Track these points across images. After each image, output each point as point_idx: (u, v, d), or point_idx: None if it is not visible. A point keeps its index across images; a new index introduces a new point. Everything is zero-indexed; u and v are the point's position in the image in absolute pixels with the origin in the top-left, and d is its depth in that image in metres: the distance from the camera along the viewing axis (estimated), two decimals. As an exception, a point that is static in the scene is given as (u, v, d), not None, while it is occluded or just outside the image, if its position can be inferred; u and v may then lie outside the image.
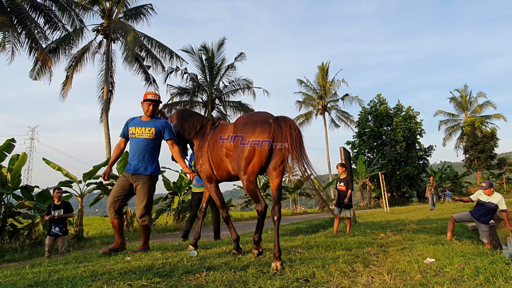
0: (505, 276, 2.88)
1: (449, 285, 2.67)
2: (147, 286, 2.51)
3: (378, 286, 2.68)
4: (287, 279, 2.84)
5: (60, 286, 2.50)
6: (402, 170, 36.02)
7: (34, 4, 17.66)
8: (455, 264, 3.42)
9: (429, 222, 10.40)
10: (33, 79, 19.96)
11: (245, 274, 2.94)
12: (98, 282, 2.55)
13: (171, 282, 2.65)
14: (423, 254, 4.14)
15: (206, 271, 2.97)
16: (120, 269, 2.97)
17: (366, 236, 6.52)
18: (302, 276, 2.94)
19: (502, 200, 7.15)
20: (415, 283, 2.75)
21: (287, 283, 2.68)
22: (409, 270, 3.22)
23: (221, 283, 2.59)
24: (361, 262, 3.61)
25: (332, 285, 2.71)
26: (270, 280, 2.75)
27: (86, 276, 2.72)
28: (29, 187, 11.51)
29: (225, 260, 3.51)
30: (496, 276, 2.87)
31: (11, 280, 2.69)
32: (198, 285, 2.56)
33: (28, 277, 2.76)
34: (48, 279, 2.68)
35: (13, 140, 11.62)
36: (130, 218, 15.97)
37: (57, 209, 7.69)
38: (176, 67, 25.01)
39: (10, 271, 3.10)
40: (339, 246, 4.71)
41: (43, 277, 2.74)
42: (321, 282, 2.80)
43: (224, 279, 2.74)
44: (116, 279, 2.65)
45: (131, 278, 2.68)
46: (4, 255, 9.61)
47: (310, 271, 3.11)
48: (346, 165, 8.69)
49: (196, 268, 3.12)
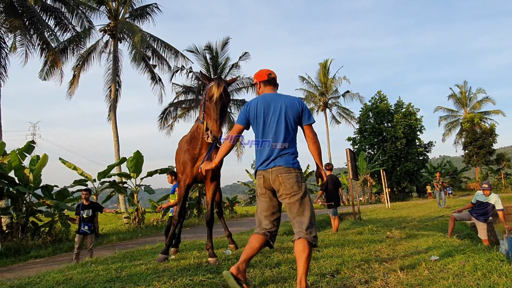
0: (499, 272, 3.43)
1: (453, 280, 3.22)
2: (205, 281, 3.06)
3: (394, 281, 3.23)
4: (317, 274, 3.39)
5: (134, 281, 3.04)
6: (402, 166, 36.64)
7: (45, 6, 18.07)
8: (457, 261, 3.98)
9: (430, 219, 10.97)
10: (42, 79, 20.48)
11: (279, 271, 3.49)
12: (164, 277, 3.11)
13: (222, 278, 3.20)
14: (427, 251, 4.70)
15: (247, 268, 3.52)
16: (175, 266, 3.52)
17: (374, 234, 7.08)
18: (328, 272, 3.49)
19: (498, 200, 7.71)
20: (424, 278, 3.30)
21: (318, 278, 3.23)
22: (417, 267, 3.78)
23: (265, 279, 3.14)
24: (375, 259, 4.17)
25: (355, 280, 3.26)
26: (312, 271, 3.30)
27: (151, 273, 3.27)
28: (49, 187, 12.05)
29: (257, 259, 4.06)
30: (491, 272, 3.42)
31: (88, 277, 3.24)
32: (248, 281, 3.10)
33: (101, 274, 3.31)
34: (120, 276, 3.23)
35: (33, 142, 12.17)
36: (141, 215, 16.58)
37: (86, 209, 8.12)
38: (182, 66, 25.45)
39: (78, 269, 3.64)
40: (352, 245, 5.27)
41: (114, 274, 3.29)
42: (345, 277, 3.35)
43: (266, 275, 3.29)
44: (177, 275, 3.20)
45: (189, 274, 3.23)
46: (29, 251, 10.18)
47: (333, 267, 3.67)
48: (331, 165, 8.79)
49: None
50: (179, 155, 4.58)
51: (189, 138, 4.40)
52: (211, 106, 3.65)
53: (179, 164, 4.53)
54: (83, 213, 8.11)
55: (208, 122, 3.65)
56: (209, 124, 3.63)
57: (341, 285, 3.06)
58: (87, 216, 8.14)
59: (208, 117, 3.66)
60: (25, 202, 11.57)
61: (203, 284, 2.97)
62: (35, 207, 11.92)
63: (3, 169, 10.95)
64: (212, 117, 3.60)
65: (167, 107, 26.48)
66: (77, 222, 8.33)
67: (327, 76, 40.40)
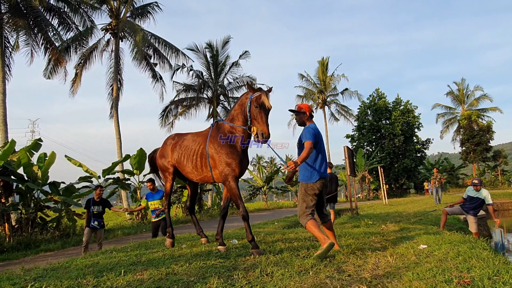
0: (478, 257, 3.83)
1: (436, 263, 3.62)
2: (216, 265, 3.46)
3: (384, 264, 3.64)
4: (315, 259, 3.79)
5: (154, 264, 3.45)
6: (400, 163, 37.10)
7: (49, 6, 18.38)
8: (443, 249, 4.39)
9: (425, 214, 11.40)
10: (46, 78, 20.80)
11: (283, 257, 3.90)
12: (181, 261, 3.51)
13: (231, 262, 3.61)
14: (418, 242, 5.11)
15: (253, 256, 3.93)
16: (189, 253, 3.93)
17: (370, 227, 7.50)
18: (326, 257, 3.89)
19: (488, 195, 8.14)
20: (411, 262, 3.71)
21: (317, 262, 3.63)
22: (406, 254, 4.18)
23: (271, 262, 3.54)
24: (369, 248, 4.58)
25: (350, 263, 3.67)
26: (304, 259, 3.71)
27: (168, 258, 3.67)
28: (56, 183, 12.45)
29: (263, 247, 4.46)
30: (471, 258, 3.83)
31: (112, 261, 3.64)
32: (254, 264, 3.51)
33: (124, 259, 3.71)
34: (141, 260, 3.63)
35: (40, 140, 12.52)
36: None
37: (96, 205, 8.43)
38: (182, 64, 25.80)
39: (101, 256, 4.04)
40: (349, 236, 5.69)
41: (135, 259, 3.69)
42: (342, 261, 3.76)
43: (271, 260, 3.70)
44: (192, 260, 3.61)
45: (202, 259, 3.63)
46: (39, 245, 10.59)
47: (331, 253, 4.07)
48: (331, 164, 9.75)
49: (244, 253, 4.08)
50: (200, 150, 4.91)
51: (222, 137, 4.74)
52: (262, 113, 4.44)
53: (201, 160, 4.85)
54: (93, 208, 8.41)
55: (259, 126, 4.40)
56: (260, 128, 4.39)
57: (337, 267, 3.46)
58: (97, 212, 8.44)
59: (258, 123, 4.41)
60: (33, 198, 11.95)
61: (215, 267, 3.36)
62: (42, 203, 12.31)
63: (12, 166, 11.33)
64: (264, 122, 4.41)
65: (168, 105, 26.85)
66: (84, 217, 8.62)
67: (325, 74, 40.77)
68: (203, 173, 4.82)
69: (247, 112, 4.55)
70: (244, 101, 4.71)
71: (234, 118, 4.76)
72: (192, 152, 4.96)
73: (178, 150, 5.15)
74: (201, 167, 4.82)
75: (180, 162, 5.08)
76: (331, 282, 2.87)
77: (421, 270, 3.21)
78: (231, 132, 4.72)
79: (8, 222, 11.26)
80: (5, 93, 16.70)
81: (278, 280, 2.91)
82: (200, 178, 4.94)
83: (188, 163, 4.95)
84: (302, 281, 2.91)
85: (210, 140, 4.78)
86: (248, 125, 4.53)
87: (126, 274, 3.11)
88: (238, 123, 4.68)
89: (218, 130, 4.86)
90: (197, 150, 4.92)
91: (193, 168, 4.91)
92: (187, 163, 4.97)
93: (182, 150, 5.10)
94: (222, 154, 4.59)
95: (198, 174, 4.89)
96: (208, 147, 4.73)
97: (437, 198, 17.71)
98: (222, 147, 4.63)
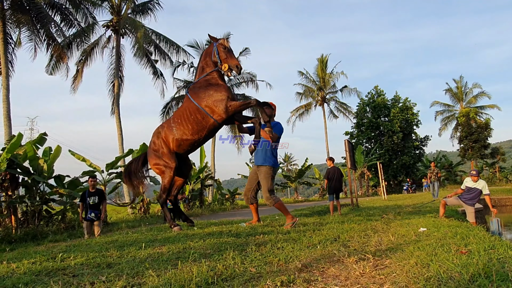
0: (476, 236, 4.06)
1: (435, 241, 3.84)
2: (229, 241, 3.67)
3: (386, 242, 3.86)
4: (322, 237, 4.02)
5: (170, 241, 3.66)
6: (398, 160, 37.40)
7: (51, 2, 18.52)
8: (441, 231, 4.61)
9: (423, 206, 11.64)
10: (49, 74, 21.00)
11: (291, 236, 4.12)
12: (195, 239, 3.72)
13: (242, 240, 3.82)
14: (417, 225, 5.33)
15: (262, 235, 4.15)
16: (201, 233, 4.14)
17: (370, 216, 7.72)
18: (331, 237, 4.11)
19: (485, 186, 8.37)
20: (412, 241, 3.93)
21: (324, 240, 3.85)
22: (407, 234, 4.40)
23: (280, 239, 3.76)
24: (371, 230, 4.80)
25: (354, 242, 3.89)
26: (311, 238, 3.93)
27: (183, 236, 3.89)
28: (61, 176, 12.64)
29: (269, 229, 4.69)
30: (468, 236, 4.05)
31: (131, 239, 3.85)
32: (265, 241, 3.72)
33: (140, 237, 3.93)
34: (157, 238, 3.85)
35: (45, 134, 12.70)
36: (146, 205, 17.23)
37: (92, 196, 8.33)
38: (183, 61, 25.99)
39: (118, 236, 4.25)
40: (351, 221, 5.91)
41: (151, 237, 3.91)
42: (345, 240, 3.98)
43: (278, 238, 3.91)
44: (205, 237, 3.82)
45: (215, 237, 3.85)
46: (47, 236, 10.78)
47: (335, 234, 4.29)
48: (333, 158, 10.21)
49: (253, 232, 4.30)
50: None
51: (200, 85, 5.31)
52: (230, 52, 5.16)
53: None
54: (89, 200, 8.27)
55: (231, 62, 5.10)
56: (233, 62, 5.09)
57: (342, 244, 3.68)
58: (93, 203, 8.30)
59: (231, 59, 5.11)
60: (39, 191, 12.15)
61: (228, 243, 3.58)
62: (48, 196, 12.50)
63: (18, 159, 11.52)
64: (234, 57, 5.19)
65: (169, 102, 27.03)
66: (80, 209, 8.45)
67: (325, 71, 40.98)
68: (208, 123, 5.08)
69: (215, 56, 5.18)
70: (209, 50, 5.36)
71: (204, 68, 5.33)
72: (186, 115, 5.19)
73: (174, 126, 5.30)
74: (202, 119, 5.09)
75: (182, 133, 5.19)
76: (338, 253, 3.08)
77: (422, 245, 3.43)
78: (207, 80, 5.21)
79: (15, 214, 11.45)
80: (8, 89, 16.89)
81: (289, 252, 3.13)
82: (207, 132, 5.18)
83: (189, 126, 5.14)
84: (311, 252, 3.13)
85: (192, 95, 5.20)
86: (218, 66, 5.18)
87: (146, 248, 3.33)
88: (209, 69, 5.28)
89: (194, 89, 5.29)
90: (189, 110, 5.18)
91: (195, 126, 5.11)
92: (187, 126, 5.15)
93: (177, 123, 5.28)
94: (211, 92, 5.06)
95: (202, 128, 5.12)
96: (195, 100, 5.11)
97: (434, 192, 17.62)
98: (206, 89, 5.10)
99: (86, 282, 2.25)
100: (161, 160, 5.27)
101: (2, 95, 16.70)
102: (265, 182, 5.11)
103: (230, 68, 5.08)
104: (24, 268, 2.65)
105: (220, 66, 5.13)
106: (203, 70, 5.33)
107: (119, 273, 2.47)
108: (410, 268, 2.45)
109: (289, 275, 2.35)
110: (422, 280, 2.15)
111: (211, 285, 2.21)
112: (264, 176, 5.15)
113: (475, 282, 2.09)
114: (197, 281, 2.21)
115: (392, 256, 3.01)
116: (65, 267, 2.67)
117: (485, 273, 2.22)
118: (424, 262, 2.56)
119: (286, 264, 2.73)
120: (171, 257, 2.99)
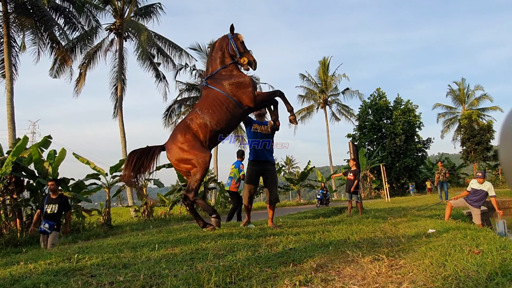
0: (485, 237, 4.07)
1: (446, 242, 3.85)
2: (241, 242, 3.69)
3: (397, 242, 3.87)
4: (332, 238, 4.03)
5: (182, 242, 3.68)
6: (401, 162, 37.33)
7: (55, 6, 18.63)
8: (450, 233, 4.62)
9: (428, 208, 11.64)
10: (53, 77, 21.06)
11: (301, 237, 4.13)
12: (207, 240, 3.74)
13: (253, 241, 3.84)
14: (425, 227, 5.34)
15: (272, 236, 4.16)
16: (213, 234, 4.16)
17: (377, 218, 7.72)
18: (341, 238, 4.12)
19: (491, 188, 8.37)
20: (422, 242, 3.94)
21: (335, 241, 3.86)
22: (416, 235, 4.41)
23: (292, 241, 3.77)
24: (380, 231, 4.81)
25: (364, 243, 3.90)
26: (321, 239, 3.94)
27: (194, 238, 3.90)
28: (66, 179, 12.66)
29: (279, 231, 4.70)
30: (478, 238, 4.06)
31: (142, 240, 3.86)
32: (276, 242, 3.74)
33: (151, 239, 3.94)
34: (168, 240, 3.86)
35: (49, 137, 12.75)
36: (150, 208, 17.22)
37: (52, 203, 6.85)
38: (185, 64, 26.04)
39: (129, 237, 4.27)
40: (359, 223, 5.92)
41: (163, 239, 3.92)
42: (356, 241, 3.99)
43: (289, 240, 3.93)
44: (217, 239, 3.84)
45: (227, 238, 3.86)
46: (51, 239, 10.80)
47: (345, 236, 4.31)
48: (356, 160, 10.15)
49: (263, 234, 4.31)
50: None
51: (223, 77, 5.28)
52: (245, 47, 5.26)
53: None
54: (47, 208, 6.81)
55: (249, 57, 5.19)
56: (251, 58, 5.18)
57: (354, 244, 3.69)
58: (51, 212, 6.82)
59: (249, 54, 5.22)
60: (44, 194, 12.16)
61: (240, 244, 3.60)
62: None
63: (23, 162, 11.56)
64: (251, 54, 5.24)
65: (171, 105, 27.08)
66: (35, 218, 7.11)
67: (326, 74, 41.05)
68: (238, 112, 5.09)
69: (233, 49, 5.21)
70: (223, 43, 5.33)
71: (221, 59, 5.29)
72: (218, 105, 5.01)
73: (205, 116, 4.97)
74: (234, 108, 5.04)
75: (216, 122, 4.95)
76: (352, 253, 3.09)
77: (433, 246, 3.45)
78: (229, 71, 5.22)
79: (20, 217, 11.47)
80: (12, 92, 16.96)
81: (302, 252, 3.14)
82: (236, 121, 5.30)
83: (222, 115, 4.97)
84: (324, 252, 3.14)
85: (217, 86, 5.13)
86: (237, 59, 5.22)
87: (159, 249, 3.35)
88: (229, 60, 5.28)
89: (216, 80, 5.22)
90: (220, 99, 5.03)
91: (229, 115, 5.02)
92: (220, 115, 4.96)
93: (209, 113, 4.98)
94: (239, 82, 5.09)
95: (233, 117, 5.09)
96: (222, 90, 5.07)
97: (443, 194, 16.50)
98: (231, 79, 5.09)
99: (105, 282, 2.26)
100: (192, 155, 4.79)
101: (6, 98, 16.77)
102: (277, 180, 5.18)
103: (249, 62, 5.15)
104: (41, 269, 2.67)
105: (239, 59, 5.19)
106: (220, 62, 5.27)
107: (136, 273, 2.49)
108: (426, 267, 2.46)
109: (305, 275, 2.37)
110: (440, 279, 2.16)
111: (229, 285, 2.22)
112: (276, 175, 5.24)
113: (493, 280, 2.10)
114: (215, 280, 2.22)
115: (405, 257, 3.02)
116: (81, 268, 2.68)
117: (502, 272, 2.23)
118: (439, 262, 2.57)
119: (301, 264, 2.74)
120: (186, 258, 3.01)
